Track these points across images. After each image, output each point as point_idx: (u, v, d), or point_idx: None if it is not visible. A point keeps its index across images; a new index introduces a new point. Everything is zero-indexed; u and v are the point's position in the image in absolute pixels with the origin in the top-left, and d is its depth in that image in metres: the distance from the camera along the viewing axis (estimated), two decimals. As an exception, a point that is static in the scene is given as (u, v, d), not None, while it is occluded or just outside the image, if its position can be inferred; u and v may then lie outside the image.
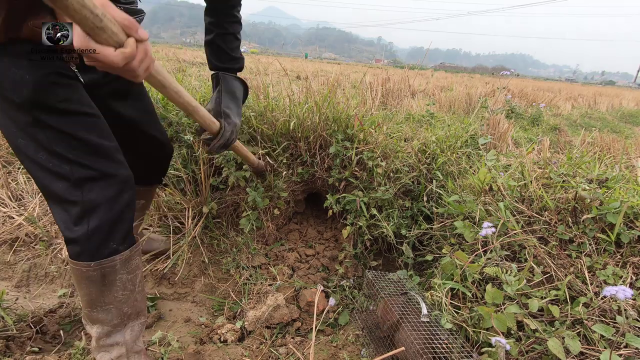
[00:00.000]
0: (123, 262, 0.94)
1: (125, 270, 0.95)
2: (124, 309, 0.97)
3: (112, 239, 0.90)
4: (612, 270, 1.06)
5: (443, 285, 1.19)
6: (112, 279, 0.92)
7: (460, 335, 1.08)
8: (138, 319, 1.03)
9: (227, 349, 1.28)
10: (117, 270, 0.92)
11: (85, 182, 0.84)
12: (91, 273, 0.89)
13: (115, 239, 0.91)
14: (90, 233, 0.85)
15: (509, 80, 7.96)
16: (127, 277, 0.96)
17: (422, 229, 1.60)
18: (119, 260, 0.93)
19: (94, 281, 0.90)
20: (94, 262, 0.88)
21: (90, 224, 0.85)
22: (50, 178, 0.82)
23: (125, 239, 0.95)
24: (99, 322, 0.96)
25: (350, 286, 1.60)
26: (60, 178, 0.82)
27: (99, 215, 0.86)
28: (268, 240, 1.88)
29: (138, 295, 1.01)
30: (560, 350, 0.85)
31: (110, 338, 0.99)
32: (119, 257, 0.92)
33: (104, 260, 0.89)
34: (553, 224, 1.25)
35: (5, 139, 0.84)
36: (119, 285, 0.94)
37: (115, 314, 0.96)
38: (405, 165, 1.77)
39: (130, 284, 0.97)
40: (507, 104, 4.96)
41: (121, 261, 0.93)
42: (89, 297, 0.92)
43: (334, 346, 1.33)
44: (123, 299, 0.96)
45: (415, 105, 3.46)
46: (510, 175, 1.52)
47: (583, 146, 2.88)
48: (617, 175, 1.32)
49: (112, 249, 0.90)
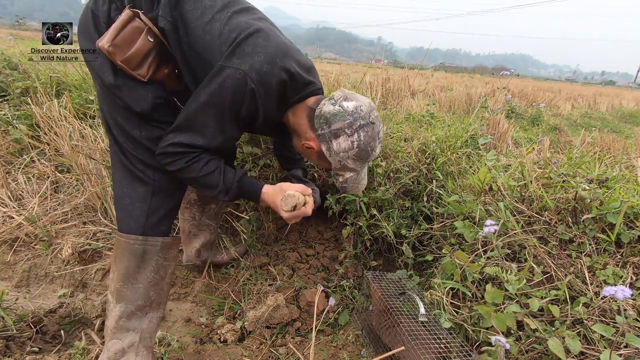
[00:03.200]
0: (164, 246, 1.09)
1: (163, 255, 1.09)
2: (150, 292, 1.08)
3: (164, 223, 1.08)
4: (612, 270, 1.06)
5: (443, 285, 1.19)
6: (149, 258, 1.06)
7: (460, 335, 1.08)
8: (158, 310, 1.13)
9: (227, 349, 1.28)
10: (157, 250, 1.07)
11: (157, 171, 1.04)
12: (137, 246, 1.04)
13: (166, 224, 1.09)
14: (150, 211, 1.04)
15: (509, 80, 7.96)
16: (163, 262, 1.10)
17: (422, 229, 1.60)
18: (162, 243, 1.08)
19: (136, 254, 1.04)
20: (142, 235, 1.04)
21: (152, 203, 1.04)
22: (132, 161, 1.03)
23: (170, 228, 1.12)
24: (125, 300, 1.05)
25: (350, 286, 1.60)
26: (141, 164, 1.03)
27: (162, 198, 1.06)
28: (268, 240, 1.89)
29: (165, 286, 1.13)
30: (560, 350, 0.85)
31: (129, 321, 1.06)
32: (162, 239, 1.08)
33: (150, 237, 1.05)
34: (553, 224, 1.25)
35: (105, 130, 1.11)
36: (153, 267, 1.08)
37: (142, 294, 1.07)
38: (405, 165, 1.77)
39: (162, 270, 1.10)
40: (507, 104, 4.95)
41: (163, 244, 1.08)
42: (126, 270, 1.05)
43: (334, 346, 1.33)
44: (153, 281, 1.08)
45: (415, 105, 3.46)
46: (510, 175, 1.52)
47: (583, 146, 2.88)
48: (617, 175, 1.32)
49: (160, 231, 1.07)
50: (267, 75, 0.92)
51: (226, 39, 0.93)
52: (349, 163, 1.04)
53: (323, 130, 1.01)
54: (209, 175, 0.99)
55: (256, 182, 1.08)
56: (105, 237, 1.70)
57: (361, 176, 1.14)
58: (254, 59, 0.91)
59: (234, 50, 0.91)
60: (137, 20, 0.93)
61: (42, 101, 2.11)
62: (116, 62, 0.93)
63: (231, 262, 1.71)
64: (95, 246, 1.64)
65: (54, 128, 1.96)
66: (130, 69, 0.95)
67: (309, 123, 1.05)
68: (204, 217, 1.49)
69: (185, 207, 1.46)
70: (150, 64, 0.98)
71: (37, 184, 1.95)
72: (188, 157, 0.96)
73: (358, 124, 0.98)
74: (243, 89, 0.91)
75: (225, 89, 0.90)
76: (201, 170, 0.98)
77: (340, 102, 1.00)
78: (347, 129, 0.98)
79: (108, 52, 0.91)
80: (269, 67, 0.92)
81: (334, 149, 1.02)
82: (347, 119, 0.98)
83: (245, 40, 0.92)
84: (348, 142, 0.99)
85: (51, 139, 1.99)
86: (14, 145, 2.16)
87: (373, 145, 1.03)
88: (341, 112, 0.98)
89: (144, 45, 0.94)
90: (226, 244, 1.73)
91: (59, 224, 1.74)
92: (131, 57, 0.93)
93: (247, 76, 0.90)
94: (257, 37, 0.93)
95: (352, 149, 1.00)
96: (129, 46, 0.93)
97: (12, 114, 2.21)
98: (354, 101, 1.00)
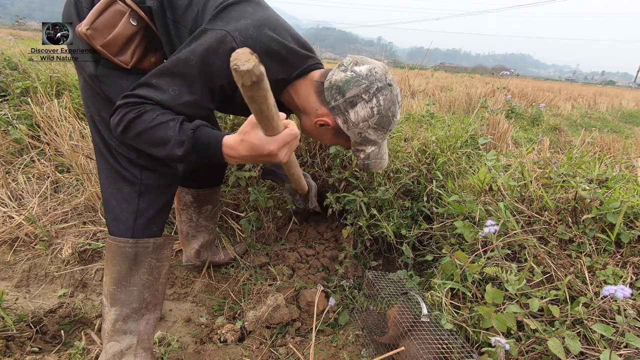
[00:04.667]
0: (156, 247, 1.04)
1: (156, 256, 1.05)
2: (145, 294, 1.05)
3: (154, 223, 1.03)
4: (612, 270, 1.06)
5: (443, 285, 1.19)
6: (142, 260, 1.02)
7: (460, 335, 1.08)
8: (155, 311, 1.09)
9: (227, 349, 1.28)
10: (149, 252, 1.02)
11: (144, 169, 0.99)
12: (127, 249, 0.99)
13: (156, 224, 1.03)
14: (139, 212, 0.98)
15: (509, 80, 7.96)
16: (156, 263, 1.05)
17: (422, 229, 1.60)
18: (153, 244, 1.03)
19: (127, 257, 1.00)
20: (132, 238, 0.99)
21: (140, 204, 0.98)
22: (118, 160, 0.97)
23: (162, 228, 1.07)
24: (119, 304, 1.02)
25: (350, 286, 1.60)
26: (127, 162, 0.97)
27: (150, 198, 1.00)
28: (268, 240, 1.89)
29: (160, 287, 1.09)
30: (560, 350, 0.85)
31: (126, 324, 1.04)
32: (154, 240, 1.03)
33: (141, 239, 1.00)
34: (553, 224, 1.25)
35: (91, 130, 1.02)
36: (146, 268, 1.03)
37: (137, 296, 1.03)
38: (405, 165, 1.77)
39: (156, 271, 1.06)
40: (507, 104, 4.95)
41: (155, 245, 1.03)
42: (119, 274, 1.01)
43: (334, 346, 1.33)
44: (147, 283, 1.04)
45: (415, 105, 3.46)
46: (510, 175, 1.52)
47: (583, 146, 2.88)
48: (617, 175, 1.32)
49: (151, 232, 1.02)
50: (252, 38, 0.82)
51: (212, 4, 0.87)
52: (370, 134, 0.94)
53: (337, 101, 0.90)
54: (161, 126, 0.79)
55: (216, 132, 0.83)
56: (105, 237, 1.70)
57: (383, 150, 1.05)
58: (240, 22, 0.82)
59: (219, 13, 0.84)
60: (119, 3, 0.87)
61: (42, 101, 2.11)
62: (95, 46, 0.87)
63: (231, 262, 1.70)
64: (95, 246, 1.64)
65: (54, 128, 1.96)
66: (112, 54, 0.88)
67: (318, 98, 0.95)
68: (200, 219, 1.49)
69: (181, 209, 1.45)
70: (134, 50, 0.92)
71: (37, 184, 1.95)
72: (140, 108, 0.80)
73: (375, 87, 0.89)
74: (222, 47, 0.80)
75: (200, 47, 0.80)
76: (153, 120, 0.79)
77: (352, 68, 0.90)
78: (364, 94, 0.88)
79: (86, 36, 0.85)
80: (255, 31, 0.83)
81: (351, 120, 0.91)
82: (362, 83, 0.88)
83: (232, 6, 0.85)
84: (367, 109, 0.89)
85: (51, 139, 1.99)
86: (14, 145, 2.16)
87: (394, 109, 0.93)
88: (354, 77, 0.88)
89: (125, 28, 0.88)
90: (225, 244, 1.73)
91: (59, 224, 1.74)
92: (111, 41, 0.87)
93: (228, 35, 0.80)
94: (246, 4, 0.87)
95: (373, 116, 0.90)
96: (109, 30, 0.87)
97: (12, 114, 2.22)
98: (366, 64, 0.91)
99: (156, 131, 0.79)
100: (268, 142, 0.74)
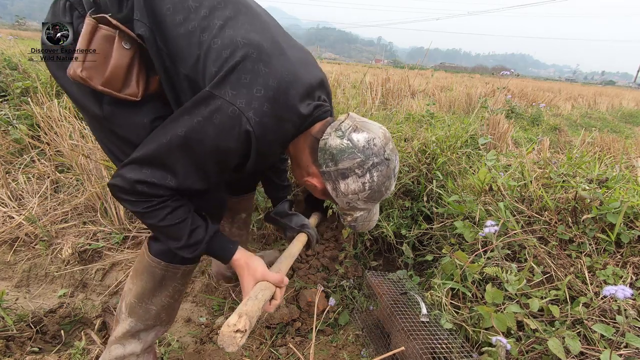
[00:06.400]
0: (184, 274, 1.02)
1: (182, 281, 1.02)
2: (162, 314, 1.03)
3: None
4: (612, 270, 1.06)
5: (443, 285, 1.19)
6: (167, 284, 0.99)
7: (460, 335, 1.08)
8: (166, 326, 1.09)
9: (227, 349, 1.28)
10: (177, 277, 1.00)
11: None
12: (157, 270, 0.97)
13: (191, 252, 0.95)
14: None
15: (509, 80, 7.96)
16: (180, 287, 1.03)
17: (422, 229, 1.60)
18: (183, 270, 1.00)
19: (155, 278, 0.97)
20: (165, 262, 0.96)
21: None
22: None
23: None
24: (136, 317, 1.01)
25: (350, 286, 1.60)
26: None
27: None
28: (268, 240, 1.88)
29: (177, 306, 1.08)
30: (560, 350, 0.85)
31: (136, 334, 1.03)
32: (184, 267, 1.00)
33: (172, 264, 0.97)
34: (553, 224, 1.25)
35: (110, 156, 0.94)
36: (170, 292, 1.01)
37: (154, 315, 1.02)
38: (405, 165, 1.77)
39: (177, 294, 1.04)
40: (507, 104, 4.95)
41: (184, 272, 1.01)
42: (143, 290, 0.99)
43: (334, 346, 1.33)
44: (167, 305, 1.02)
45: (415, 105, 3.46)
46: (510, 175, 1.52)
47: (583, 146, 2.88)
48: (617, 175, 1.32)
49: (181, 259, 0.97)
50: (266, 116, 0.75)
51: (217, 56, 0.75)
52: (359, 204, 0.88)
53: (328, 167, 0.83)
54: (173, 227, 0.81)
55: (228, 244, 0.91)
56: (105, 237, 1.70)
57: (372, 212, 0.98)
58: (253, 94, 0.73)
59: (227, 75, 0.73)
60: (103, 27, 0.74)
61: (42, 101, 2.11)
62: (96, 88, 0.76)
63: None
64: (95, 246, 1.64)
65: (54, 128, 1.96)
66: (116, 90, 0.77)
67: (312, 156, 0.87)
68: (234, 228, 1.44)
69: None
70: (137, 77, 0.80)
71: (37, 184, 1.95)
72: (150, 203, 0.77)
73: (370, 163, 0.81)
74: (235, 130, 0.73)
75: (211, 125, 0.73)
76: (164, 219, 0.79)
77: (349, 135, 0.81)
78: (358, 169, 0.81)
79: (84, 80, 0.75)
80: (269, 106, 0.75)
81: (341, 190, 0.85)
82: (357, 156, 0.80)
83: (242, 65, 0.74)
84: (358, 184, 0.83)
85: (51, 139, 1.99)
86: (14, 145, 2.16)
87: (388, 184, 0.86)
88: (350, 148, 0.80)
89: (121, 56, 0.76)
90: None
91: (59, 224, 1.74)
92: (111, 76, 0.76)
93: (242, 116, 0.72)
94: (256, 60, 0.75)
95: (364, 190, 0.84)
96: (104, 64, 0.75)
97: (12, 114, 2.21)
98: (365, 132, 0.82)
99: (167, 231, 0.82)
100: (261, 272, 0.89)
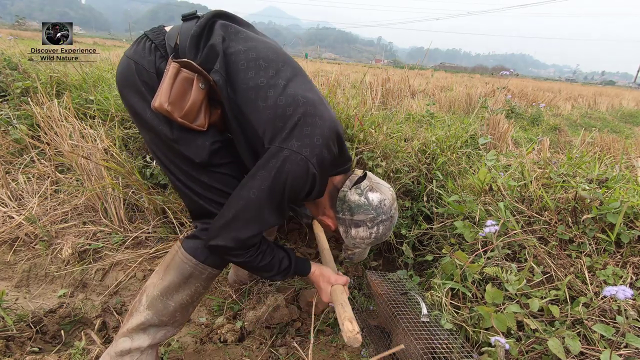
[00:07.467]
0: (209, 277, 1.07)
1: (204, 283, 1.07)
2: (177, 314, 1.07)
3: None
4: (612, 270, 1.06)
5: (443, 285, 1.19)
6: (192, 282, 1.05)
7: (460, 335, 1.08)
8: (176, 328, 1.11)
9: (227, 349, 1.28)
10: (201, 278, 1.05)
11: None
12: (187, 267, 1.03)
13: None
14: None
15: (509, 80, 7.96)
16: (201, 290, 1.08)
17: (422, 229, 1.60)
18: (209, 273, 1.06)
19: (183, 274, 1.03)
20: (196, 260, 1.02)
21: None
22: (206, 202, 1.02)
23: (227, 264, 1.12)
24: (154, 310, 1.04)
25: (350, 286, 1.60)
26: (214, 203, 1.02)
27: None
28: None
29: (191, 309, 1.12)
30: (560, 350, 0.85)
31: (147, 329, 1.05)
32: (211, 270, 1.06)
33: (202, 264, 1.03)
34: (553, 224, 1.25)
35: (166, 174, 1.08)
36: (192, 290, 1.06)
37: (170, 312, 1.05)
38: (405, 165, 1.77)
39: (197, 296, 1.08)
40: (507, 104, 4.96)
41: (210, 274, 1.06)
42: (169, 284, 1.04)
43: (334, 346, 1.33)
44: (184, 304, 1.06)
45: (415, 105, 3.46)
46: (510, 175, 1.52)
47: (583, 146, 2.88)
48: (617, 175, 1.32)
49: (212, 261, 1.04)
50: (325, 160, 0.92)
51: (282, 113, 0.90)
52: (362, 246, 1.08)
53: (344, 215, 1.02)
54: (266, 266, 1.02)
55: (305, 263, 1.13)
56: (105, 237, 1.70)
57: (367, 250, 1.18)
58: (314, 142, 0.89)
59: (292, 130, 0.89)
60: (185, 71, 0.89)
61: (42, 101, 2.11)
62: (176, 120, 0.90)
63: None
64: (95, 246, 1.64)
65: (54, 128, 1.96)
66: (190, 122, 0.92)
67: (330, 201, 1.06)
68: None
69: None
70: (205, 112, 0.95)
71: (37, 184, 1.95)
72: (248, 254, 0.96)
73: (380, 219, 1.01)
74: (305, 175, 0.89)
75: (285, 174, 0.88)
76: (260, 262, 1.00)
77: (366, 194, 1.00)
78: (369, 222, 1.01)
79: (167, 112, 0.89)
80: (326, 151, 0.92)
81: (351, 234, 1.04)
82: (370, 213, 1.00)
83: (303, 120, 0.90)
84: (367, 233, 1.02)
85: (51, 139, 1.99)
86: (14, 145, 2.16)
87: (388, 234, 1.07)
88: (366, 205, 1.00)
89: (198, 94, 0.91)
90: None
91: (59, 224, 1.74)
92: (189, 111, 0.91)
93: (308, 162, 0.88)
94: (313, 115, 0.91)
95: (369, 238, 1.03)
96: (182, 100, 0.90)
97: (12, 114, 2.21)
98: (378, 193, 1.02)
99: (261, 268, 1.02)
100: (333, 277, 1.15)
